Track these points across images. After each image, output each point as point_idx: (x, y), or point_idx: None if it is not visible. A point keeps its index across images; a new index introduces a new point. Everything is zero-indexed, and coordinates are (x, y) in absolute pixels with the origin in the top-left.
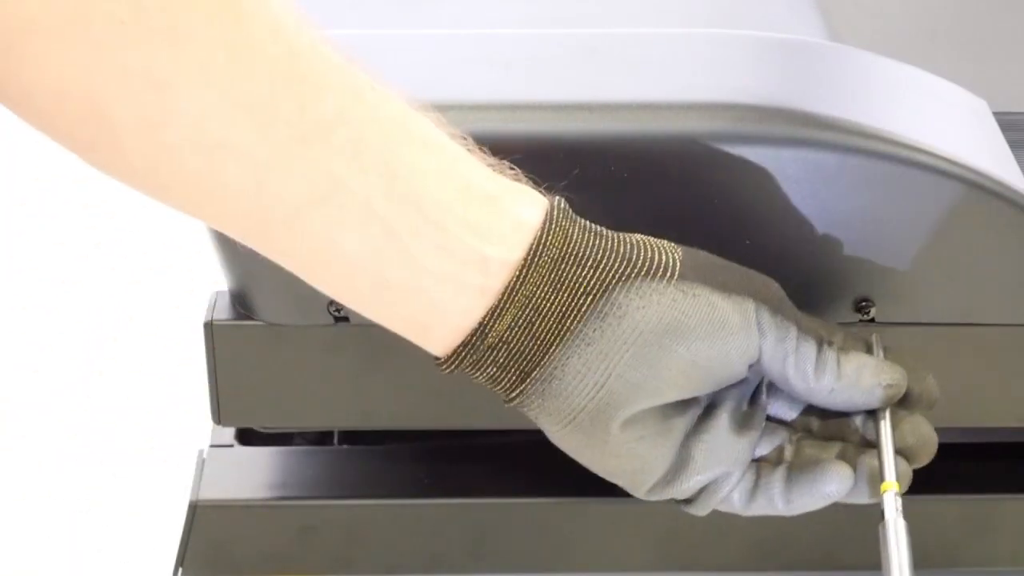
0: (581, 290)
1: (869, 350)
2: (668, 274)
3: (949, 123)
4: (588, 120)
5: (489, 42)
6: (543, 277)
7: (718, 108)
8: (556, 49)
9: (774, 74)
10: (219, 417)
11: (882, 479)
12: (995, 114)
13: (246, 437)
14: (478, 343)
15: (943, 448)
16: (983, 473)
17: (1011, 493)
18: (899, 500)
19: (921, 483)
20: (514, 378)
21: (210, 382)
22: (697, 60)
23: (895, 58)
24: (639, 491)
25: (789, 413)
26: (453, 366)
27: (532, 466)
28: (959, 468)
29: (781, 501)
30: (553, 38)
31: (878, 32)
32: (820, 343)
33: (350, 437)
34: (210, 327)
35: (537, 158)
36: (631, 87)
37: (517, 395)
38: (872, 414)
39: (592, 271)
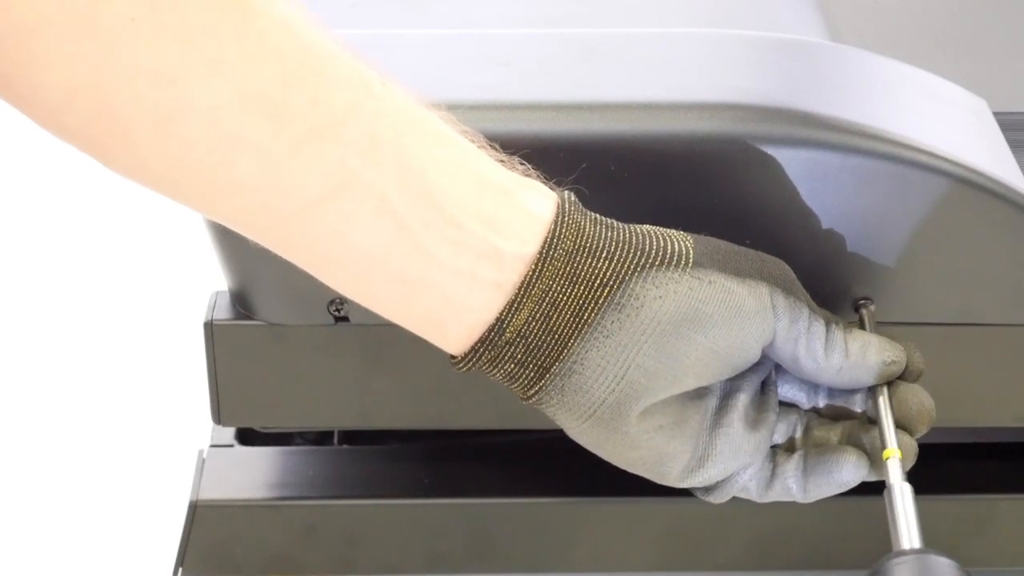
0: (597, 282)
1: (861, 326)
2: (683, 262)
3: (949, 123)
4: (588, 120)
5: (489, 42)
6: (558, 270)
7: (718, 108)
8: (556, 49)
9: (774, 74)
10: (219, 417)
11: (883, 447)
12: (995, 114)
13: (246, 437)
14: (496, 339)
15: (943, 448)
16: (983, 473)
17: (1011, 493)
18: (902, 465)
19: (921, 483)
20: (532, 374)
21: (210, 382)
22: (697, 60)
23: (895, 58)
24: (664, 480)
25: (796, 395)
26: (470, 364)
27: (532, 466)
28: (959, 468)
29: (797, 489)
30: (553, 38)
31: (878, 32)
32: (828, 323)
33: (350, 437)
34: (210, 327)
35: (537, 158)
36: (631, 87)
37: (536, 392)
38: (871, 389)
39: (607, 263)
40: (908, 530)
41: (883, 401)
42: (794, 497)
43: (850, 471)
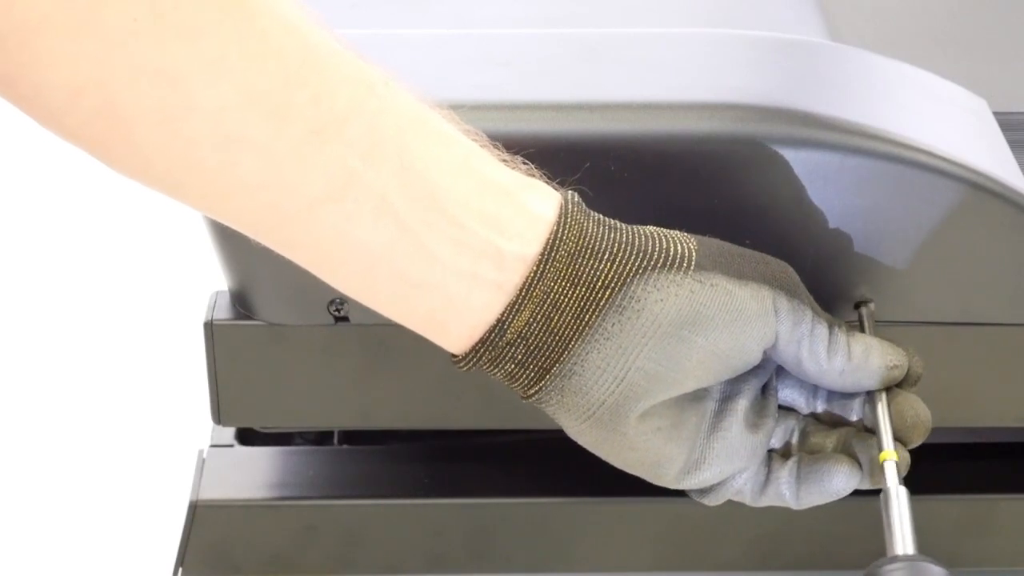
0: (599, 284)
1: (861, 325)
2: (685, 265)
3: (949, 123)
4: (588, 120)
5: (489, 42)
6: (560, 272)
7: (718, 108)
8: (556, 49)
9: (774, 74)
10: (219, 417)
11: (880, 450)
12: (995, 114)
13: (246, 437)
14: (496, 339)
15: (943, 448)
16: (983, 473)
17: (1011, 493)
18: (898, 468)
19: (921, 483)
20: (533, 375)
21: (210, 382)
22: (697, 60)
23: (895, 58)
24: (660, 482)
25: (796, 399)
26: (471, 364)
27: (532, 466)
28: (959, 468)
29: (791, 495)
30: (553, 38)
31: (878, 32)
32: (831, 326)
33: (350, 437)
34: (210, 327)
35: (537, 158)
36: (631, 87)
37: (536, 392)
38: (869, 394)
39: (609, 264)
40: (902, 535)
41: (881, 407)
42: (787, 503)
43: (841, 480)
